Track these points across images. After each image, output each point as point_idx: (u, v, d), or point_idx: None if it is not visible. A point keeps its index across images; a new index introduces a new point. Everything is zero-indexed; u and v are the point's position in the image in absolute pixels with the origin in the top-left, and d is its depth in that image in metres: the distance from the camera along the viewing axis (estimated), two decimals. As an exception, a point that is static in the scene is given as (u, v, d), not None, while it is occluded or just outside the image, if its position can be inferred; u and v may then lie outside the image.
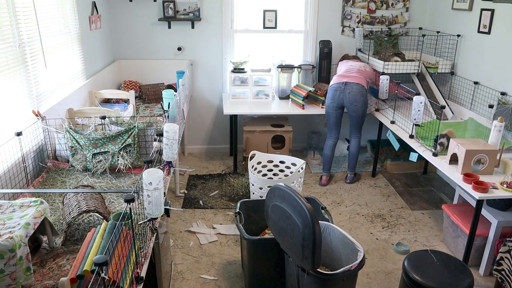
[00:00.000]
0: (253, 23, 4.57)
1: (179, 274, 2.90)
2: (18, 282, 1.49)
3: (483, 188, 2.51)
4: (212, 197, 3.90)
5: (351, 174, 4.20)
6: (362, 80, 3.84)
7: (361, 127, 4.04)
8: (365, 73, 3.96)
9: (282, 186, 2.15)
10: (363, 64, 4.07)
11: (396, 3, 4.57)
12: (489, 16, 3.49)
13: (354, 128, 4.03)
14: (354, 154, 4.13)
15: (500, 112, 3.14)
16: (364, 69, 3.98)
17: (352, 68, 3.96)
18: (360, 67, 3.96)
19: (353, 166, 4.18)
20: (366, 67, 4.04)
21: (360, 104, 3.83)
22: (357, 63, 4.05)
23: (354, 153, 4.12)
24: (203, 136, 4.94)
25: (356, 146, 4.10)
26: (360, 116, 3.93)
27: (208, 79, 4.71)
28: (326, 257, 2.48)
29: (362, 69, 3.96)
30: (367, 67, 4.06)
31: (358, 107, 3.84)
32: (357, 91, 3.79)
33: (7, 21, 2.40)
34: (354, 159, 4.14)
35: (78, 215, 1.88)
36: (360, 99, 3.81)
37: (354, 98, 3.80)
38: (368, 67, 4.08)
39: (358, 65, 4.01)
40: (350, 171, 4.20)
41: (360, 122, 3.99)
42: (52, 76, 3.02)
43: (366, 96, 3.85)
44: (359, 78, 3.85)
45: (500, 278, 2.54)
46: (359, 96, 3.79)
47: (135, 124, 2.61)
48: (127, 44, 4.52)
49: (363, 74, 3.92)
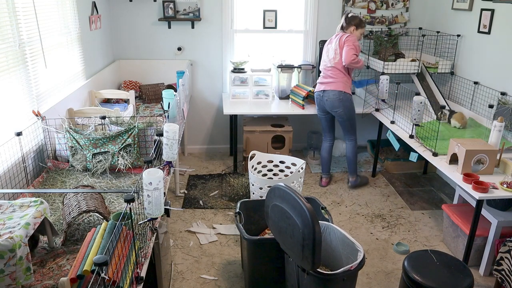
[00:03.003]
0: (253, 23, 4.57)
1: (179, 274, 2.90)
2: (18, 282, 1.49)
3: (483, 188, 2.51)
4: (212, 197, 3.90)
5: (352, 178, 4.08)
6: (338, 85, 3.73)
7: (352, 130, 3.93)
8: (340, 63, 3.69)
9: (282, 186, 2.15)
10: (342, 38, 3.69)
11: (396, 3, 4.57)
12: (489, 16, 3.49)
13: (345, 131, 3.95)
14: (349, 158, 4.02)
15: (500, 112, 3.14)
16: (340, 52, 3.68)
17: (328, 64, 3.77)
18: (336, 51, 3.70)
19: (353, 170, 4.06)
20: (343, 43, 3.67)
21: (341, 109, 3.76)
22: (333, 45, 3.76)
23: (349, 157, 4.02)
24: (203, 136, 4.94)
25: (351, 150, 3.98)
26: (346, 120, 3.84)
27: (208, 79, 4.71)
28: (326, 257, 2.48)
29: (337, 54, 3.69)
30: (347, 41, 3.65)
31: (340, 112, 3.78)
32: (333, 97, 3.74)
33: (7, 21, 2.40)
34: (351, 163, 4.03)
35: (78, 215, 1.88)
36: (339, 105, 3.74)
37: (332, 105, 3.78)
38: (345, 39, 3.67)
39: (334, 48, 3.72)
40: (350, 175, 4.09)
41: (348, 126, 3.89)
42: (52, 76, 3.02)
43: (346, 99, 3.74)
44: (334, 83, 3.73)
45: (500, 278, 2.54)
46: (337, 102, 3.74)
47: (135, 124, 2.61)
48: (127, 44, 4.52)
49: (338, 69, 3.70)
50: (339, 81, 3.74)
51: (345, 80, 3.76)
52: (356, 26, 3.75)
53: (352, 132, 3.94)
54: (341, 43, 3.70)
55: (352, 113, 3.85)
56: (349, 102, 3.79)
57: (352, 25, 3.75)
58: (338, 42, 3.73)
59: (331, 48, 3.79)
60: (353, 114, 3.86)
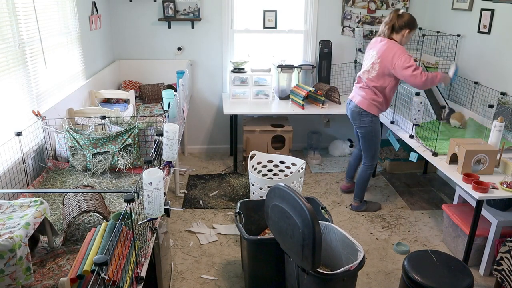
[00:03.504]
0: (253, 23, 4.56)
1: (179, 274, 2.90)
2: (18, 282, 1.49)
3: (483, 188, 2.51)
4: (212, 197, 3.90)
5: (355, 203, 3.68)
6: (362, 102, 3.30)
7: (368, 153, 3.47)
8: (374, 80, 3.22)
9: (282, 186, 2.15)
10: (388, 53, 3.13)
11: (396, 3, 4.57)
12: (489, 16, 3.49)
13: (363, 150, 3.52)
14: (357, 181, 3.61)
15: (500, 112, 3.14)
16: (378, 67, 3.18)
17: (361, 75, 3.34)
18: (374, 64, 3.20)
19: (357, 194, 3.64)
20: (392, 60, 3.10)
21: (358, 122, 3.39)
22: (373, 52, 3.24)
23: (357, 179, 3.61)
24: (203, 136, 4.94)
25: (360, 173, 3.57)
26: (362, 137, 3.43)
27: (208, 79, 4.71)
28: (326, 257, 2.48)
29: (370, 77, 3.24)
30: (396, 58, 3.07)
31: (357, 125, 3.43)
32: (355, 109, 3.39)
33: (7, 21, 2.40)
34: (358, 186, 3.61)
35: (78, 215, 1.88)
36: (357, 118, 3.37)
37: (352, 116, 3.45)
38: (394, 56, 3.08)
39: (372, 61, 3.22)
40: (353, 199, 3.70)
41: (364, 145, 3.45)
42: (52, 76, 3.02)
43: (366, 117, 3.32)
44: (360, 98, 3.33)
45: (500, 278, 2.54)
46: (356, 115, 3.38)
47: (135, 124, 2.61)
48: (127, 44, 4.52)
49: (368, 87, 3.27)
50: (366, 98, 3.30)
51: (373, 99, 3.27)
52: (410, 28, 3.15)
53: (368, 156, 3.48)
54: (386, 57, 3.12)
55: (371, 134, 3.38)
56: (369, 120, 3.32)
57: (406, 28, 3.15)
58: (379, 53, 3.16)
59: (369, 56, 3.28)
60: (372, 137, 3.39)
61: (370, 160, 3.51)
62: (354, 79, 4.69)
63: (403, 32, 3.16)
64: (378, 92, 3.27)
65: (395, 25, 3.16)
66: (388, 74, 3.20)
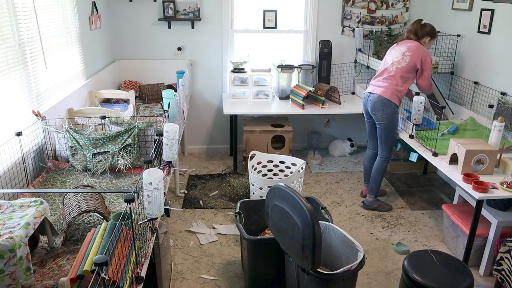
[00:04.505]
0: (253, 23, 4.56)
1: (179, 274, 2.90)
2: (18, 282, 1.49)
3: (483, 188, 2.51)
4: (212, 197, 3.90)
5: (370, 197, 3.69)
6: (385, 92, 3.36)
7: (386, 144, 3.51)
8: (403, 69, 3.35)
9: (282, 186, 2.15)
10: (419, 50, 3.36)
11: (396, 3, 4.57)
12: (489, 16, 3.49)
13: (380, 142, 3.55)
14: (373, 174, 3.63)
15: (500, 112, 3.14)
16: (410, 59, 3.34)
17: (389, 67, 3.42)
18: (405, 55, 3.37)
19: (372, 188, 3.66)
20: (420, 60, 3.35)
21: (380, 113, 3.40)
22: (402, 47, 3.42)
23: (373, 173, 3.63)
24: (203, 136, 4.94)
25: (377, 166, 3.59)
26: (382, 129, 3.45)
27: (208, 79, 4.71)
28: (326, 257, 2.48)
29: (400, 66, 3.36)
30: (425, 62, 3.35)
31: (379, 117, 3.42)
32: (377, 100, 3.39)
33: (7, 21, 2.40)
34: (374, 180, 3.63)
35: (78, 215, 1.88)
36: (380, 108, 3.38)
37: (374, 107, 3.43)
38: (423, 57, 3.34)
39: (402, 51, 3.39)
40: (368, 193, 3.71)
41: (384, 137, 3.49)
42: (52, 76, 3.02)
43: (389, 107, 3.37)
44: (383, 89, 3.39)
45: (500, 278, 2.54)
46: (379, 104, 3.38)
47: (135, 124, 2.61)
48: (127, 44, 4.52)
49: (396, 76, 3.37)
50: (389, 88, 3.37)
51: (397, 89, 3.37)
52: (431, 36, 3.45)
53: (386, 147, 3.53)
54: (417, 52, 3.35)
55: (392, 125, 3.44)
56: (392, 111, 3.39)
57: (427, 36, 3.43)
58: (410, 49, 3.37)
59: (399, 50, 3.42)
60: (393, 126, 3.45)
61: (388, 153, 3.56)
62: (354, 79, 4.71)
63: (424, 40, 3.45)
64: (402, 82, 3.40)
65: (418, 32, 3.45)
66: (413, 70, 3.38)
